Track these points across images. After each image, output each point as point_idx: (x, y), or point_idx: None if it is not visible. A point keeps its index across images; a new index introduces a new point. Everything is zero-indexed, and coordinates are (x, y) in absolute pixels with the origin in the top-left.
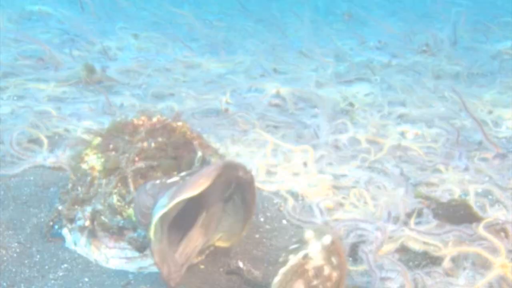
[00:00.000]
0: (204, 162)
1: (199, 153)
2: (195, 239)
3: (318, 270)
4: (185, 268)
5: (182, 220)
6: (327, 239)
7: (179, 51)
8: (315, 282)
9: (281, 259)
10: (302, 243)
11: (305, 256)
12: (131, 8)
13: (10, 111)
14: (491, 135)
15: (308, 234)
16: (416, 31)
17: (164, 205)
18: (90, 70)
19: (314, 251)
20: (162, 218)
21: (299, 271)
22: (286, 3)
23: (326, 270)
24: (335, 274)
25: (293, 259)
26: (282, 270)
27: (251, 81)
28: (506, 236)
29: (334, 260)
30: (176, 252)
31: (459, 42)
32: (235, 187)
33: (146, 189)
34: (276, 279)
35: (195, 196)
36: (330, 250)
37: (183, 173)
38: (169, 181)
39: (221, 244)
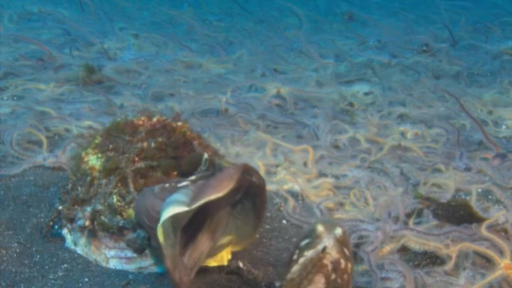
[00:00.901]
0: (216, 165)
1: (205, 155)
2: (202, 243)
3: (336, 264)
4: (194, 273)
5: (188, 223)
6: (339, 231)
7: (179, 51)
8: (333, 276)
9: (295, 257)
10: (314, 237)
11: (324, 250)
12: (131, 8)
13: (10, 111)
14: (491, 135)
15: (320, 228)
16: (416, 31)
17: (182, 202)
18: (90, 70)
19: (330, 245)
20: (176, 222)
21: (318, 264)
22: (286, 3)
23: (342, 263)
24: (349, 265)
25: (313, 251)
26: (302, 260)
27: (251, 81)
28: (507, 236)
29: (346, 251)
30: (184, 256)
31: (460, 42)
32: (245, 192)
33: (155, 193)
34: (295, 268)
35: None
36: (342, 242)
37: (192, 177)
38: (180, 185)
39: (233, 249)
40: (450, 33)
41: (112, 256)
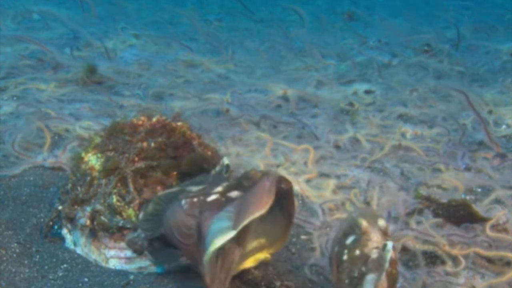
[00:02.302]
0: (243, 174)
1: (226, 161)
2: (232, 252)
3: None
4: (228, 283)
5: None
6: (382, 223)
7: (180, 51)
8: (389, 269)
9: (345, 257)
10: (359, 234)
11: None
12: (132, 8)
13: (10, 111)
14: (492, 134)
15: (364, 223)
16: (418, 31)
17: (228, 228)
18: (91, 70)
19: (378, 239)
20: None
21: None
22: (288, 3)
23: (393, 254)
24: (396, 254)
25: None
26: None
27: (251, 81)
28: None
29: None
30: (216, 266)
31: (462, 42)
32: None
33: (184, 209)
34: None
35: None
36: (386, 232)
37: (219, 188)
38: (209, 199)
39: (267, 252)
40: (458, 34)
41: (112, 256)
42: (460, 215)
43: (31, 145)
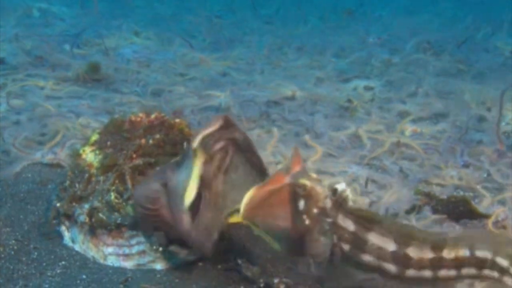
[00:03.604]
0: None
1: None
2: (204, 215)
3: None
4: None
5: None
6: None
7: (181, 47)
8: None
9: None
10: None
11: None
12: (134, 4)
13: (9, 109)
14: (493, 130)
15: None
16: (420, 28)
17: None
18: (95, 68)
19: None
20: None
21: None
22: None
23: None
24: None
25: None
26: None
27: (252, 78)
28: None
29: None
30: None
31: (463, 39)
32: (233, 155)
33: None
34: None
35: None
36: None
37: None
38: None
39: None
40: (467, 32)
41: (110, 253)
42: (459, 211)
43: (30, 142)
